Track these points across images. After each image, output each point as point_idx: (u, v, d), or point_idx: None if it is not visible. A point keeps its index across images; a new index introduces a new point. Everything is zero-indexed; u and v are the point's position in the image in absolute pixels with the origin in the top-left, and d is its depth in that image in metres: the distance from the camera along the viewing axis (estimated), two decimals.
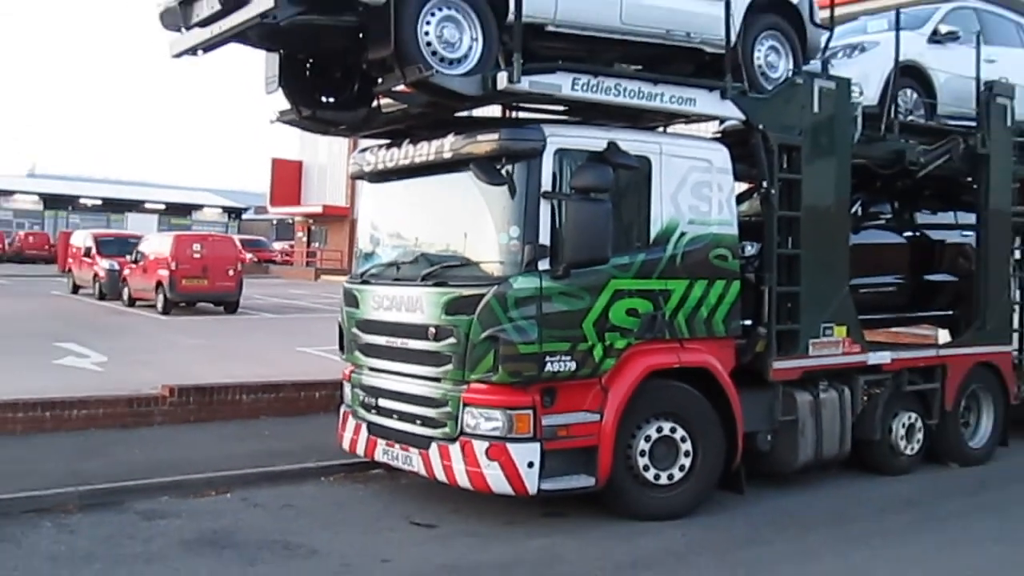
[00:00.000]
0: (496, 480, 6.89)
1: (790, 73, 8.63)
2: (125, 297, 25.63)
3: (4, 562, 6.23)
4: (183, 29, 7.45)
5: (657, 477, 7.40)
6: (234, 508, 7.66)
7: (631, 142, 7.45)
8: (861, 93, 9.29)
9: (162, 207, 67.81)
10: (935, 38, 10.49)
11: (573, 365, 7.02)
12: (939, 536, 7.43)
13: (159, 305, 23.48)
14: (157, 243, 25.25)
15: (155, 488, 7.88)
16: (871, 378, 9.10)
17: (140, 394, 10.56)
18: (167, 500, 7.73)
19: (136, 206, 66.30)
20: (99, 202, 65.30)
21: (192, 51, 7.49)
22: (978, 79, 10.23)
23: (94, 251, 28.13)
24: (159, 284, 23.53)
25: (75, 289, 29.69)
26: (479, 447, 6.93)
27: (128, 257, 25.93)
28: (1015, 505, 8.48)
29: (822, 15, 8.98)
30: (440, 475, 7.25)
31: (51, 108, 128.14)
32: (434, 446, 7.27)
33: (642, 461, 7.34)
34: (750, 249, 8.50)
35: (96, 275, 27.38)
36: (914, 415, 9.47)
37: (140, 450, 9.08)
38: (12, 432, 9.42)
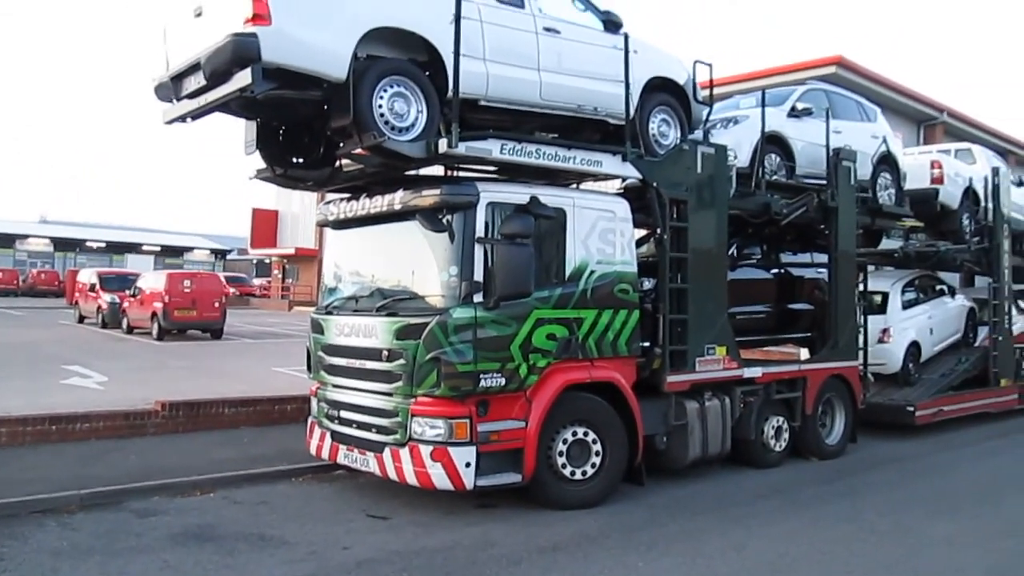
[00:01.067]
0: (439, 478, 6.83)
1: (678, 141, 8.78)
2: (124, 326, 24.91)
3: (13, 556, 5.96)
4: (175, 100, 7.32)
5: (573, 473, 7.40)
6: (217, 506, 7.45)
7: (550, 196, 7.50)
8: (735, 157, 9.50)
9: (158, 249, 66.27)
10: (793, 113, 10.73)
11: (503, 381, 6.99)
12: (802, 517, 7.51)
13: (154, 332, 22.88)
14: (153, 280, 24.64)
15: (148, 490, 7.63)
16: (746, 389, 9.21)
17: (136, 409, 10.22)
18: (158, 500, 7.49)
19: (135, 248, 64.71)
20: (103, 245, 63.60)
21: (182, 119, 7.36)
22: (828, 146, 10.51)
23: (98, 287, 27.32)
24: (154, 314, 22.96)
25: (81, 319, 28.78)
26: (425, 451, 6.86)
27: (127, 291, 25.30)
28: (862, 490, 8.59)
29: (703, 94, 9.14)
30: (392, 475, 7.15)
31: (60, 162, 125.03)
32: (387, 450, 7.18)
33: (560, 460, 7.33)
34: (647, 284, 8.60)
35: (99, 307, 26.56)
36: (781, 418, 9.61)
37: (136, 457, 8.78)
38: (22, 443, 9.05)
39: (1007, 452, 11.28)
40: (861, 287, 11.38)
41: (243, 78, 6.24)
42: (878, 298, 12.56)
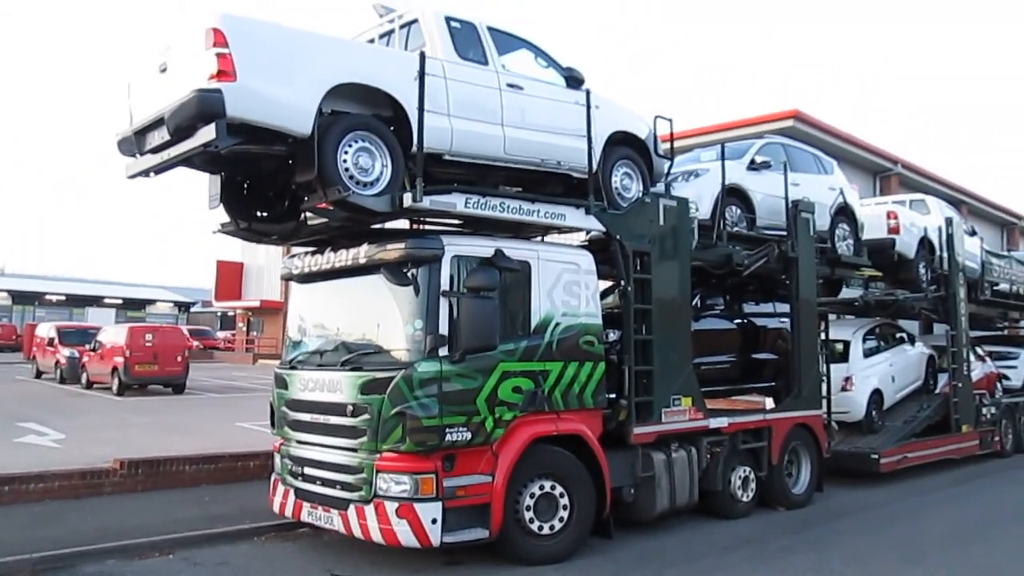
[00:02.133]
0: (405, 535, 6.71)
1: (641, 194, 8.88)
2: (84, 381, 24.40)
3: None
4: (138, 154, 7.27)
5: (540, 528, 7.32)
6: (176, 568, 7.23)
7: (514, 249, 7.53)
8: (697, 209, 9.63)
9: (119, 302, 65.12)
10: (753, 166, 10.91)
11: (469, 435, 6.92)
12: (770, 568, 7.47)
13: (114, 388, 22.41)
14: (113, 333, 24.21)
15: (103, 552, 7.37)
16: (713, 439, 9.21)
17: (93, 467, 9.93)
18: (114, 563, 7.25)
19: (96, 301, 63.47)
20: (63, 297, 62.32)
21: (145, 173, 7.30)
22: (787, 198, 10.71)
23: (56, 341, 26.74)
24: (114, 369, 22.51)
25: (38, 374, 28.11)
26: (390, 507, 6.75)
27: (87, 346, 24.82)
28: (829, 540, 8.60)
29: (664, 147, 9.28)
30: (357, 532, 7.01)
31: (18, 214, 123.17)
32: (352, 507, 7.05)
33: (528, 515, 7.26)
34: (613, 335, 8.61)
35: (58, 362, 25.99)
36: (748, 468, 9.60)
37: (92, 518, 8.52)
38: None
39: (970, 498, 11.37)
40: (823, 336, 11.50)
41: (207, 133, 6.23)
42: (840, 346, 12.69)
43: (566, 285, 7.81)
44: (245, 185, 8.10)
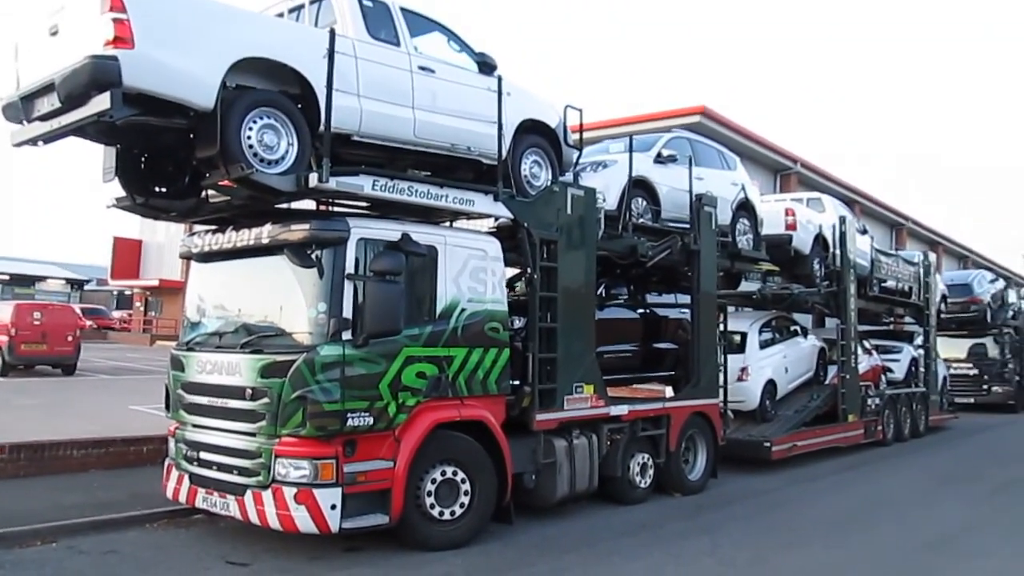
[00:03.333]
0: (303, 521, 6.58)
1: (549, 182, 8.92)
2: None
3: None
4: (25, 121, 6.89)
5: (441, 514, 7.30)
6: (59, 556, 6.91)
7: (421, 234, 7.46)
8: (604, 200, 9.74)
9: (6, 278, 61.82)
10: (659, 159, 11.08)
11: (371, 420, 6.84)
12: (665, 552, 7.64)
13: None
14: None
15: None
16: (613, 426, 9.37)
17: None
18: None
19: None
20: None
21: (33, 142, 6.91)
22: (691, 192, 10.94)
23: None
24: None
25: None
26: (288, 493, 6.61)
27: None
28: (722, 524, 8.85)
29: (574, 137, 9.34)
30: (254, 518, 6.85)
31: None
32: (249, 493, 6.87)
33: (429, 500, 7.23)
34: (518, 323, 8.65)
35: None
36: (647, 455, 9.80)
37: None
38: None
39: (854, 485, 11.89)
40: (722, 327, 11.81)
41: (101, 102, 5.93)
42: (737, 338, 13.08)
43: (472, 271, 7.79)
44: (143, 158, 7.75)
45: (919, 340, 19.33)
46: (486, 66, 8.34)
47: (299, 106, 6.89)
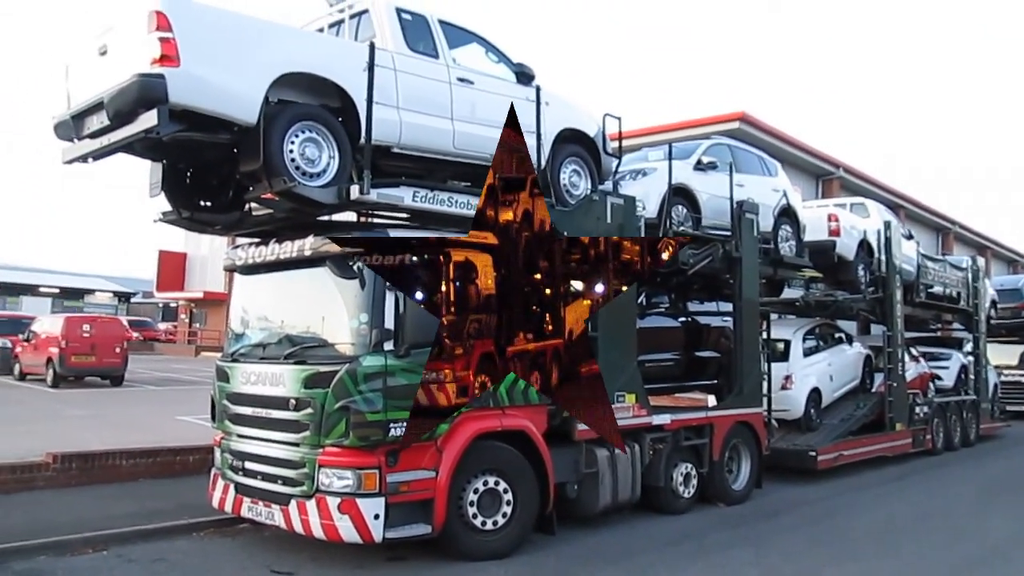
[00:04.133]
0: (347, 531, 6.63)
1: (589, 191, 8.91)
2: (16, 372, 23.74)
3: None
4: (75, 139, 7.07)
5: (484, 523, 7.30)
6: (110, 564, 7.04)
7: None
8: (644, 208, 9.68)
9: (56, 291, 63.25)
10: (699, 166, 11.01)
11: None
12: (708, 563, 7.56)
13: (48, 379, 21.82)
14: (49, 323, 23.54)
15: (33, 549, 7.14)
16: (656, 435, 9.30)
17: (24, 461, 9.62)
18: (45, 559, 7.03)
19: (31, 290, 61.44)
20: None
21: (83, 159, 7.10)
22: (732, 199, 10.84)
23: None
24: (49, 360, 21.91)
25: None
26: (332, 502, 6.67)
27: (21, 336, 24.10)
28: (766, 536, 8.74)
29: (613, 146, 9.31)
30: (298, 528, 6.92)
31: None
32: (293, 502, 6.95)
33: (471, 510, 7.23)
34: None
35: None
36: (690, 465, 9.71)
37: (22, 513, 8.26)
38: None
39: (902, 495, 11.66)
40: (765, 335, 11.69)
41: (148, 119, 6.08)
42: (781, 345, 12.93)
43: None
44: (188, 173, 7.92)
45: (968, 347, 18.92)
46: (524, 76, 8.37)
47: (340, 119, 6.99)
